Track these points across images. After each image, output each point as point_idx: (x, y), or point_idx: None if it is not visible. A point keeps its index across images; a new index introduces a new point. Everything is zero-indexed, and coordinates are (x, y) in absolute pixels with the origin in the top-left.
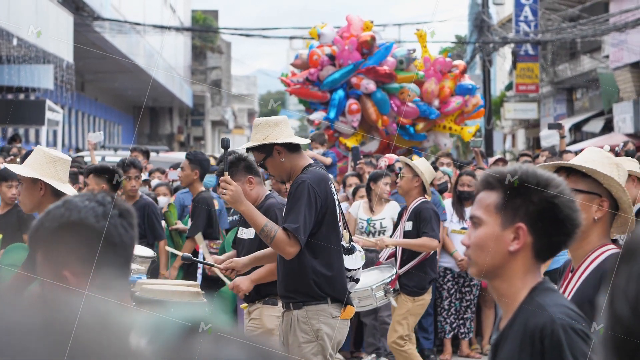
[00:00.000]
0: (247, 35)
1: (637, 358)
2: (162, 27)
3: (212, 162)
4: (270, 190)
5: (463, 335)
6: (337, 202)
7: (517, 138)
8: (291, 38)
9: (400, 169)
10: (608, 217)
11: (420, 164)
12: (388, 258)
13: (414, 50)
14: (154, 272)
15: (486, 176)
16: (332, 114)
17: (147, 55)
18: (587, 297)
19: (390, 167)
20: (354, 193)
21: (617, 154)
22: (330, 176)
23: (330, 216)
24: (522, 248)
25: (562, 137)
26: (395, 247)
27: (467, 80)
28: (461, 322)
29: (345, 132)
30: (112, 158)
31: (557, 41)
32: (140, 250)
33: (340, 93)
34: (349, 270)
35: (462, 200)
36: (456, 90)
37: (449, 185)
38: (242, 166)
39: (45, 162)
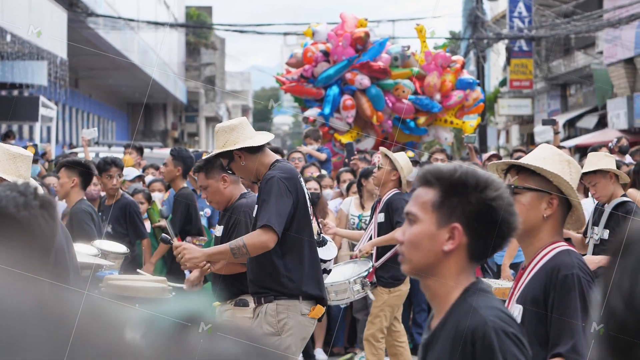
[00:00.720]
0: (241, 32)
1: (631, 352)
2: (156, 23)
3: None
4: (248, 190)
5: None
6: (308, 197)
7: (511, 134)
8: (285, 34)
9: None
10: (559, 214)
11: (400, 158)
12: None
13: (409, 47)
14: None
15: (424, 172)
16: (326, 110)
17: (141, 51)
18: (532, 293)
19: None
20: (348, 189)
21: (611, 150)
22: (299, 171)
23: (301, 210)
24: (457, 248)
25: (556, 132)
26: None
27: (466, 75)
28: None
29: (340, 129)
30: (106, 154)
31: (551, 37)
32: (113, 246)
33: (334, 89)
34: (324, 261)
35: None
36: (457, 85)
37: None
38: (218, 164)
39: (5, 159)
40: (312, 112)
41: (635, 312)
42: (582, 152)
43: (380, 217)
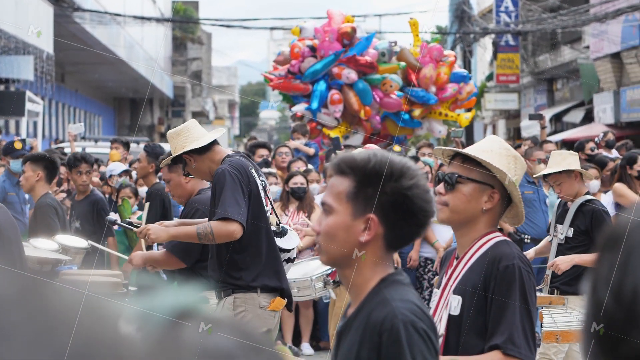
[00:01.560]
0: (228, 26)
1: (619, 346)
2: (142, 18)
3: None
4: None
5: None
6: (261, 188)
7: (497, 128)
8: (272, 29)
9: None
10: (498, 208)
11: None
12: None
13: (395, 43)
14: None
15: (339, 161)
16: (314, 105)
17: (128, 46)
18: (471, 283)
19: None
20: None
21: (597, 144)
22: (254, 163)
23: (255, 201)
24: (373, 239)
25: (542, 127)
26: None
27: (458, 69)
28: None
29: (328, 125)
30: (93, 149)
31: (537, 32)
32: (74, 241)
33: (321, 84)
34: (285, 250)
35: None
36: (451, 78)
37: (429, 175)
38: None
39: None
40: (300, 108)
41: (624, 307)
42: (568, 146)
43: None
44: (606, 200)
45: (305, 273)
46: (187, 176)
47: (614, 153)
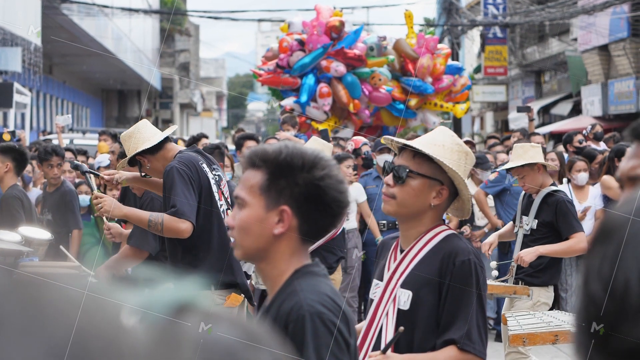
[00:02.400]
0: (216, 18)
1: (610, 339)
2: (130, 9)
3: (182, 144)
4: None
5: None
6: (214, 182)
7: (485, 120)
8: (260, 21)
9: (367, 152)
10: (446, 203)
11: (315, 142)
12: None
13: (384, 38)
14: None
15: (250, 154)
16: (303, 98)
17: (116, 38)
18: (422, 277)
19: (356, 151)
20: None
21: (585, 137)
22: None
23: (206, 196)
24: (287, 231)
25: (531, 119)
26: None
27: (452, 62)
28: None
29: (317, 119)
30: (81, 141)
31: (525, 24)
32: (37, 233)
33: (310, 78)
34: None
35: None
36: (446, 70)
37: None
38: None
39: None
40: (289, 101)
41: (615, 300)
42: (556, 138)
43: None
44: (594, 193)
45: None
46: (146, 177)
47: (602, 145)
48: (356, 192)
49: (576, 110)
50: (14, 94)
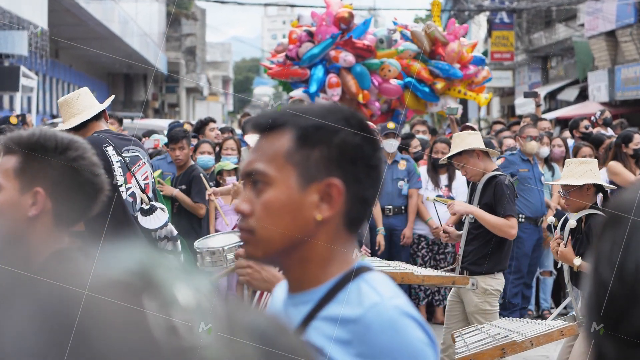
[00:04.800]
0: (222, 2)
1: (621, 322)
2: None
3: (188, 128)
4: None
5: (437, 303)
6: (120, 165)
7: (491, 106)
8: (266, 5)
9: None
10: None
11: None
12: None
13: (395, 31)
14: None
15: (6, 139)
16: (312, 89)
17: (122, 22)
18: None
19: None
20: None
21: (595, 122)
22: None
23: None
24: (42, 213)
25: (538, 105)
26: None
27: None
28: (435, 289)
29: None
30: None
31: (532, 9)
32: None
33: (319, 69)
34: (152, 230)
35: (437, 167)
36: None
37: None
38: None
39: None
40: (298, 92)
41: (625, 284)
42: (563, 124)
43: None
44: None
45: (218, 243)
46: None
47: (609, 131)
48: None
49: (582, 96)
50: (21, 78)
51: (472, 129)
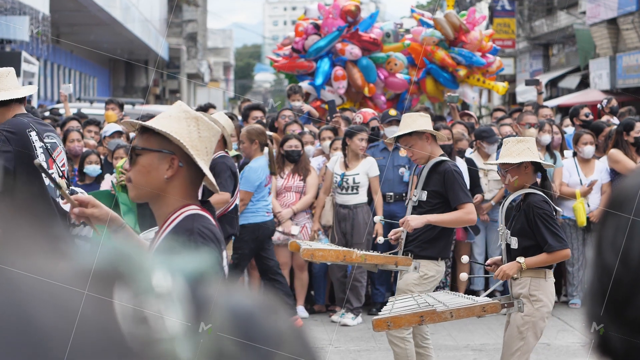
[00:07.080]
0: None
1: (625, 308)
2: None
3: None
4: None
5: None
6: (43, 150)
7: (492, 93)
8: None
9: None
10: (185, 175)
11: (220, 117)
12: None
13: (401, 25)
14: None
15: None
16: (318, 81)
17: (123, 7)
18: (162, 255)
19: (365, 124)
20: (330, 146)
21: (602, 110)
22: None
23: (29, 165)
24: None
25: (539, 92)
26: None
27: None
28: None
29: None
30: (88, 110)
31: None
32: None
33: (325, 62)
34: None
35: None
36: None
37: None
38: None
39: None
40: (303, 85)
41: (630, 270)
42: (564, 112)
43: None
44: (600, 167)
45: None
46: None
47: (615, 119)
48: (368, 166)
49: (584, 84)
50: (22, 63)
51: (469, 116)
